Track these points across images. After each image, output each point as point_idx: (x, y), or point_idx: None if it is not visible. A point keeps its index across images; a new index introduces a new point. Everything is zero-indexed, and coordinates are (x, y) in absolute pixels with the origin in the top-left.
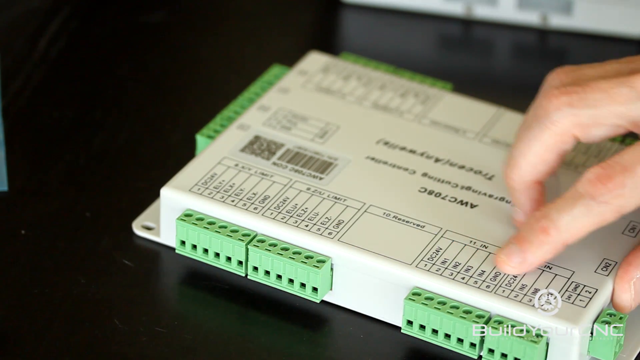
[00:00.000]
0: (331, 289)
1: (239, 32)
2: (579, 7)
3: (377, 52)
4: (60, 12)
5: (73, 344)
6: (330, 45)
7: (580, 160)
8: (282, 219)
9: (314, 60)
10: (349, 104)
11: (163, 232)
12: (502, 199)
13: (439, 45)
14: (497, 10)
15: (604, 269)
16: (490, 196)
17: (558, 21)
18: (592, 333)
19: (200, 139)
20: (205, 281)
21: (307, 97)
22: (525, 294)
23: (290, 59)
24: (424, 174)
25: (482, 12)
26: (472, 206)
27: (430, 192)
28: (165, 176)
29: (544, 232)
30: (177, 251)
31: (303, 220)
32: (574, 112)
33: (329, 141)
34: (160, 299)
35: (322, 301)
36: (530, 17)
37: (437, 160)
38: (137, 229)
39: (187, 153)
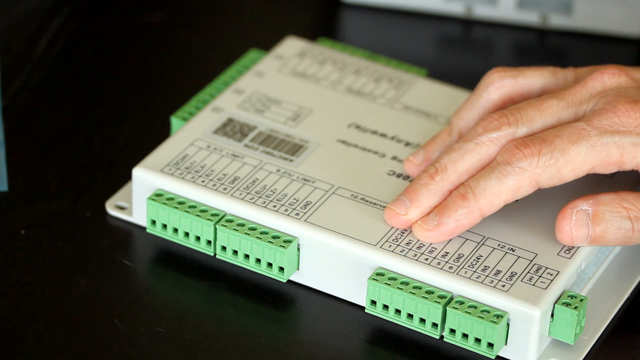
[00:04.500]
0: (298, 269)
1: (238, 33)
2: (579, 7)
3: (377, 51)
4: (60, 12)
5: (73, 344)
6: None
7: None
8: (250, 199)
9: (291, 45)
10: (322, 88)
11: (135, 211)
12: None
13: (439, 45)
14: (497, 10)
15: (567, 252)
16: None
17: (558, 21)
18: (552, 315)
19: (174, 120)
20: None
21: (282, 81)
22: (487, 275)
23: None
24: (394, 158)
25: (482, 12)
26: None
27: (399, 175)
28: None
29: (462, 197)
30: (147, 230)
31: (271, 201)
32: (511, 132)
33: (301, 124)
34: (160, 299)
35: (290, 281)
36: (530, 17)
37: (407, 144)
38: (111, 208)
39: None
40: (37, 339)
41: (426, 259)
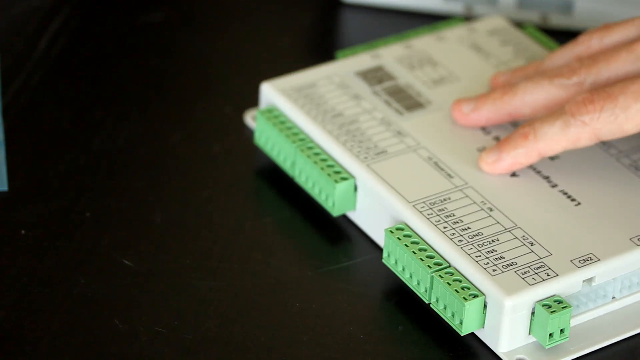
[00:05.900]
0: (354, 209)
1: (238, 32)
2: (579, 7)
3: None
4: (60, 12)
5: (73, 344)
6: (330, 45)
7: None
8: (336, 135)
9: (491, 22)
10: (486, 65)
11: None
12: (546, 177)
13: None
14: (497, 10)
15: (582, 261)
16: (538, 172)
17: (558, 21)
18: (533, 313)
19: (340, 55)
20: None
21: (454, 50)
22: (486, 257)
23: (290, 59)
24: (496, 138)
25: (482, 12)
26: (513, 175)
27: None
28: (164, 176)
29: (523, 137)
30: (255, 142)
31: (353, 140)
32: (578, 81)
33: (438, 88)
34: (161, 299)
35: (345, 218)
36: (530, 17)
37: (515, 125)
38: (248, 119)
39: (188, 151)
40: (37, 339)
41: (444, 227)
